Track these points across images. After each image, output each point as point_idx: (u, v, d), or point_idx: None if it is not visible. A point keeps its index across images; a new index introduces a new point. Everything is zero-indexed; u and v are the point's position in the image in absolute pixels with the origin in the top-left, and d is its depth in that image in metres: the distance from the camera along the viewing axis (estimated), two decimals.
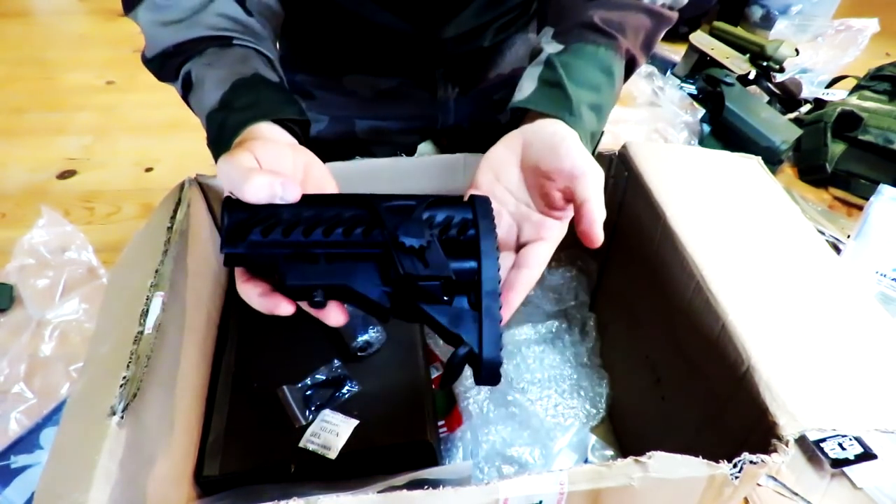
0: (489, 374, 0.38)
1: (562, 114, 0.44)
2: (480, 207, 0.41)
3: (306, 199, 0.39)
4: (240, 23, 0.51)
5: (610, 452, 0.71)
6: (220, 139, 0.45)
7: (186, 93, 0.50)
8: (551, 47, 0.48)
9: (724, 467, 0.38)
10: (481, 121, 0.78)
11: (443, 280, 0.37)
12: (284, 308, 0.38)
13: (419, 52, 0.70)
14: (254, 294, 0.38)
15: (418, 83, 0.74)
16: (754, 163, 0.66)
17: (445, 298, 0.38)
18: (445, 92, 0.75)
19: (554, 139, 0.43)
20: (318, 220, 0.38)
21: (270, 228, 0.37)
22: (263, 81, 0.48)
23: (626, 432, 0.73)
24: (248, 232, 0.37)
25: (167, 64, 0.51)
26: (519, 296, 0.42)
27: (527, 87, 0.47)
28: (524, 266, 0.43)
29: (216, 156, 0.46)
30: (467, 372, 0.76)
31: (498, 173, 0.46)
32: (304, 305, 0.39)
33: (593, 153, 0.47)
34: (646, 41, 0.50)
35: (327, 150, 0.76)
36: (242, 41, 0.50)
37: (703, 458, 0.38)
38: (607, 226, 0.71)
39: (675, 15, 0.51)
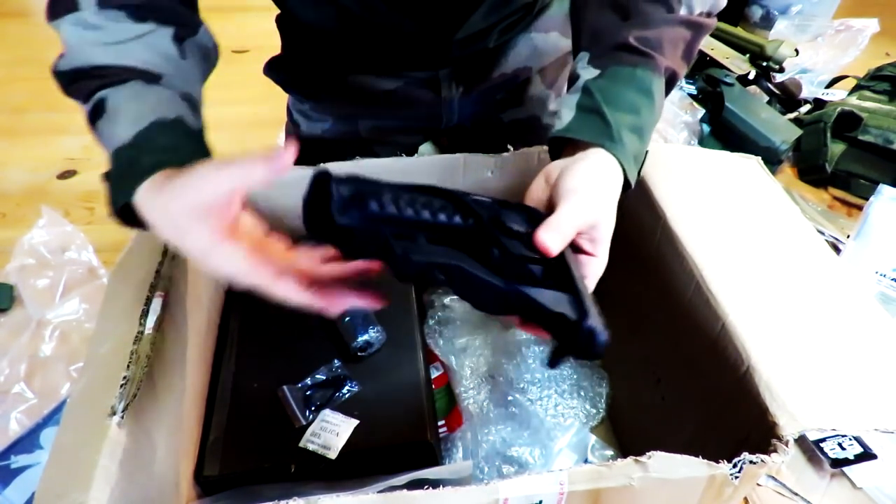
0: (598, 346, 0.36)
1: (602, 140, 0.44)
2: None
3: (397, 186, 0.38)
4: (173, 62, 0.49)
5: (610, 452, 0.71)
6: (128, 176, 0.41)
7: (95, 118, 0.46)
8: (588, 73, 0.47)
9: (724, 467, 0.38)
10: (483, 120, 0.78)
11: (545, 264, 0.38)
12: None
13: (425, 54, 0.70)
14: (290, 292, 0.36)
15: (423, 83, 0.74)
16: (754, 163, 0.66)
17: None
18: (449, 91, 0.75)
19: (566, 165, 0.42)
20: (418, 202, 0.37)
21: (374, 200, 0.36)
22: (185, 128, 0.45)
23: (626, 432, 0.73)
24: (363, 203, 0.35)
25: (80, 83, 0.47)
26: None
27: (566, 116, 0.46)
28: None
29: (116, 190, 0.43)
30: (466, 372, 0.76)
31: (537, 207, 0.45)
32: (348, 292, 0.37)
33: (638, 174, 0.47)
34: (686, 52, 0.49)
35: (330, 149, 0.76)
36: (171, 83, 0.48)
37: (703, 457, 0.38)
38: None
39: (713, 21, 0.50)
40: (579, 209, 0.40)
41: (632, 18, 0.47)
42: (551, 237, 0.38)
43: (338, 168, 0.66)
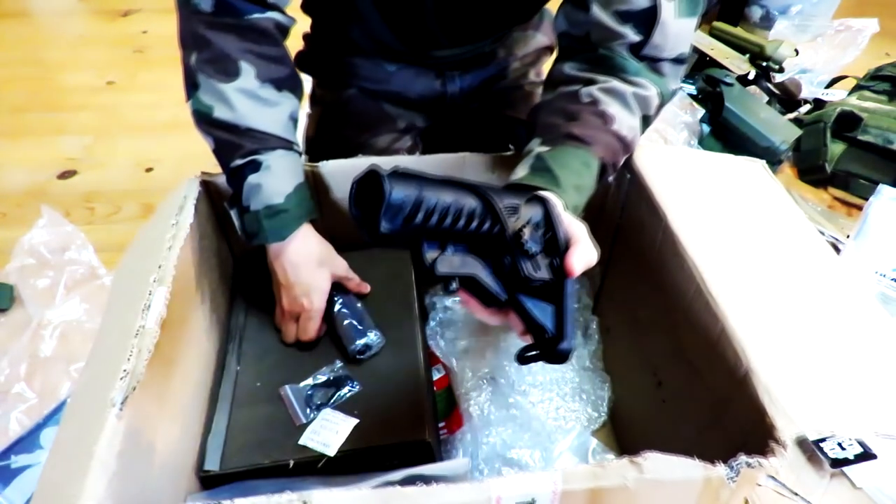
0: (565, 356, 0.45)
1: (551, 187, 0.53)
2: (551, 210, 0.47)
3: (441, 184, 0.40)
4: (295, 127, 0.66)
5: (611, 456, 0.71)
6: (283, 226, 0.61)
7: (248, 171, 0.60)
8: (540, 148, 0.58)
9: (720, 469, 0.38)
10: (475, 91, 0.90)
11: (543, 285, 0.45)
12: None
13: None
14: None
15: (430, 69, 0.88)
16: (758, 166, 0.66)
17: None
18: (451, 72, 0.88)
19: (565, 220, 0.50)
20: (446, 210, 0.40)
21: (420, 211, 0.38)
22: (308, 187, 0.65)
23: (627, 436, 0.73)
24: (412, 214, 0.38)
25: (231, 138, 0.60)
26: None
27: (520, 172, 0.56)
28: None
29: (269, 233, 0.60)
30: (467, 374, 0.76)
31: None
32: None
33: None
34: (614, 160, 0.60)
35: (354, 115, 0.89)
36: (298, 148, 0.65)
37: (702, 460, 0.38)
38: (610, 229, 0.72)
39: (634, 145, 0.62)
40: (590, 245, 0.49)
41: (576, 121, 0.58)
42: (577, 264, 0.46)
43: (342, 166, 0.68)
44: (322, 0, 0.84)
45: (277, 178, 0.61)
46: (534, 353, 0.46)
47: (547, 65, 0.85)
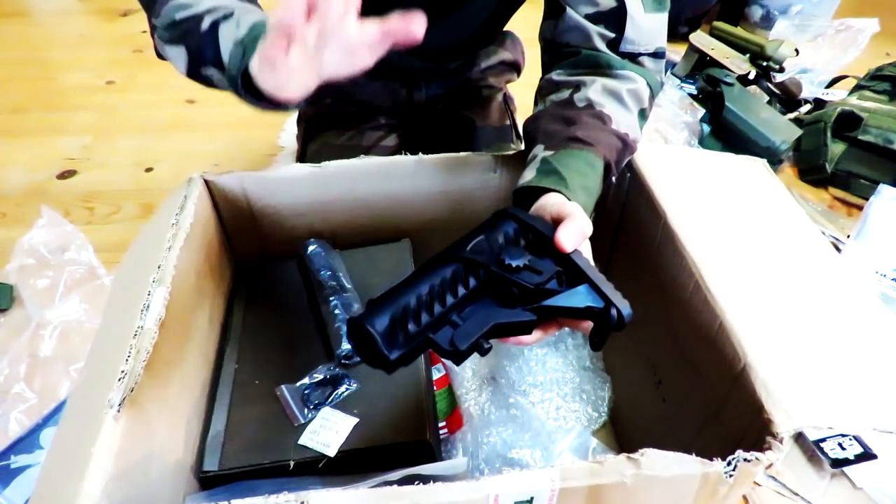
0: (625, 321, 0.43)
1: (560, 188, 0.54)
2: (519, 214, 0.48)
3: (415, 282, 0.43)
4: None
5: (611, 456, 0.71)
6: (249, 49, 0.53)
7: (224, 20, 0.56)
8: (544, 153, 0.58)
9: (718, 465, 0.38)
10: (438, 95, 0.98)
11: (555, 276, 0.44)
12: None
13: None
14: None
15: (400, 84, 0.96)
16: (759, 165, 0.66)
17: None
18: (418, 81, 0.95)
19: (558, 205, 0.51)
20: (429, 297, 0.42)
21: (409, 319, 0.41)
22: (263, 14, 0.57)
23: (627, 436, 0.73)
24: (402, 328, 0.41)
25: (196, 25, 0.56)
26: None
27: (528, 175, 0.57)
28: None
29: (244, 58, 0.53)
30: (467, 374, 0.76)
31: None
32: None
33: None
34: (617, 159, 0.60)
35: (332, 120, 0.93)
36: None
37: (700, 457, 0.38)
38: (610, 228, 0.72)
39: (636, 145, 0.63)
40: (583, 218, 0.49)
41: (576, 125, 0.59)
42: (567, 239, 0.46)
43: (343, 167, 0.67)
44: None
45: (250, 12, 0.57)
46: (602, 334, 0.45)
47: (508, 78, 1.02)
